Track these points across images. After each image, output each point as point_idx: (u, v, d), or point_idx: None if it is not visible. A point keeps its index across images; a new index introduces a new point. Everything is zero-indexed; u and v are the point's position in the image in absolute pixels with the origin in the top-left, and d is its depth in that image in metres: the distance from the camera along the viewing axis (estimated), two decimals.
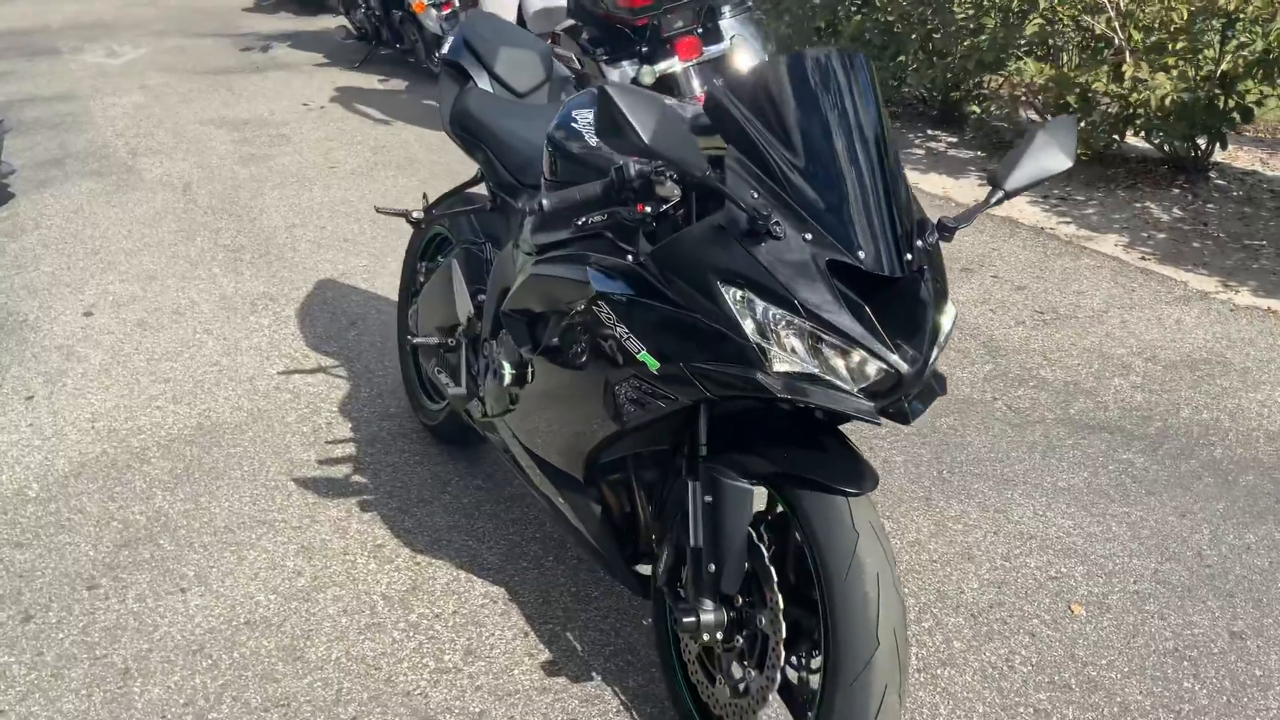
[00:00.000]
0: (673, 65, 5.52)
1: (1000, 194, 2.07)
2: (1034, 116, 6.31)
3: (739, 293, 1.90)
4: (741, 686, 2.14)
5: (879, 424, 1.92)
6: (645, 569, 2.46)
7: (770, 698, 2.08)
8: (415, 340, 3.21)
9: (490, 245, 3.07)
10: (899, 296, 1.92)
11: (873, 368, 1.88)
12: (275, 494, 3.35)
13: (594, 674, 2.60)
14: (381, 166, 6.53)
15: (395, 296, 4.73)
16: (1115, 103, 5.42)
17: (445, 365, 3.10)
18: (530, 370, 2.44)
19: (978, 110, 6.54)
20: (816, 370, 1.88)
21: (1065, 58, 5.93)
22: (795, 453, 2.03)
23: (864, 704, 1.90)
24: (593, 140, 2.37)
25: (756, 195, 1.91)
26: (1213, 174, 5.67)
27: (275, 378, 4.06)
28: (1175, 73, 5.08)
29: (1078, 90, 5.47)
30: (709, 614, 2.13)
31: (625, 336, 2.06)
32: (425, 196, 3.25)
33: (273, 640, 2.75)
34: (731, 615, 2.14)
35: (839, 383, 1.89)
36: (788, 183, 1.94)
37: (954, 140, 6.59)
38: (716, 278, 1.92)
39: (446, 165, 6.53)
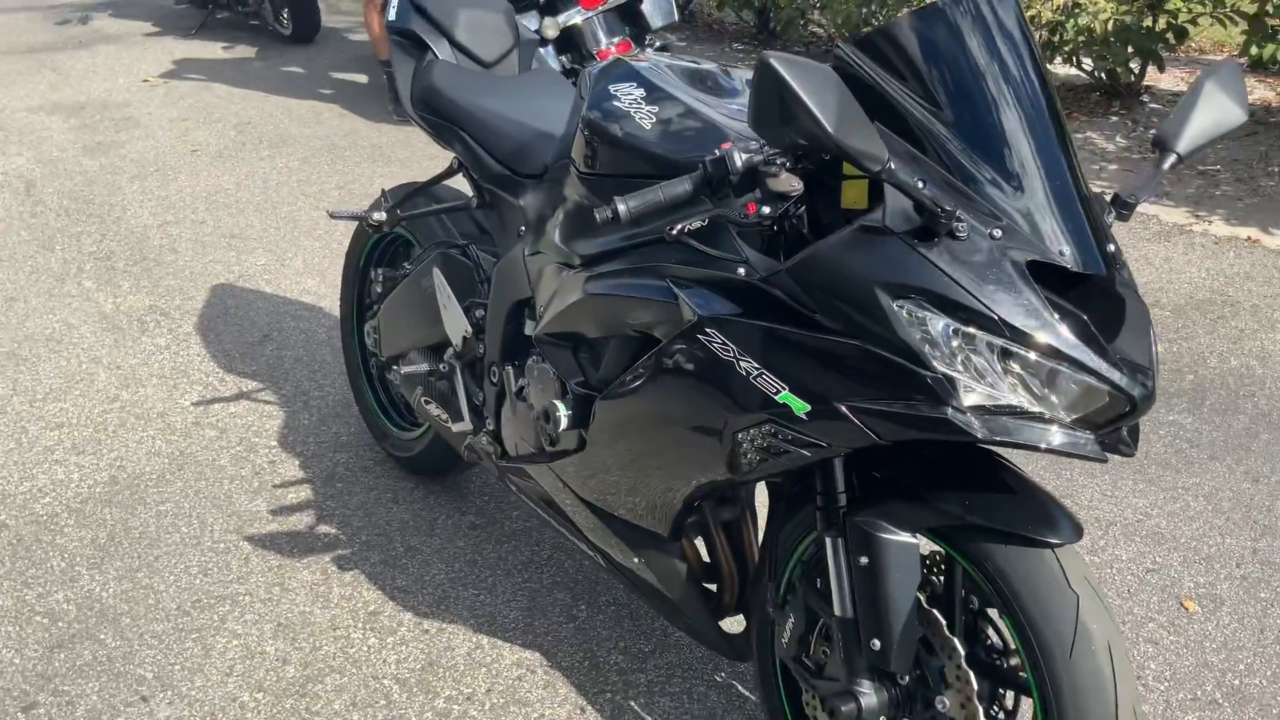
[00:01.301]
0: (575, 16, 5.05)
1: (1173, 157, 1.71)
2: None
3: (915, 310, 1.50)
4: None
5: (1105, 462, 1.56)
6: (727, 623, 2.08)
7: None
8: (404, 370, 2.68)
9: (476, 249, 2.58)
10: (1099, 299, 1.55)
11: (1092, 393, 1.50)
12: (229, 559, 2.81)
13: None
14: (251, 146, 5.84)
15: (309, 300, 4.19)
16: (1044, 29, 5.18)
17: (435, 394, 2.61)
18: (591, 412, 1.99)
19: None
20: (1023, 402, 1.50)
21: None
22: (970, 496, 1.65)
23: None
24: (645, 121, 1.92)
25: (923, 186, 1.51)
26: (1145, 98, 5.52)
27: (191, 411, 3.47)
28: None
29: None
30: (869, 696, 1.75)
31: (754, 373, 1.64)
32: (384, 194, 2.73)
33: None
34: (894, 693, 1.76)
35: (1054, 415, 1.51)
36: (955, 166, 1.54)
37: None
38: (887, 294, 1.51)
39: (327, 140, 5.90)
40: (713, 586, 2.13)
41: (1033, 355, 1.48)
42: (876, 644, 1.70)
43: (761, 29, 7.39)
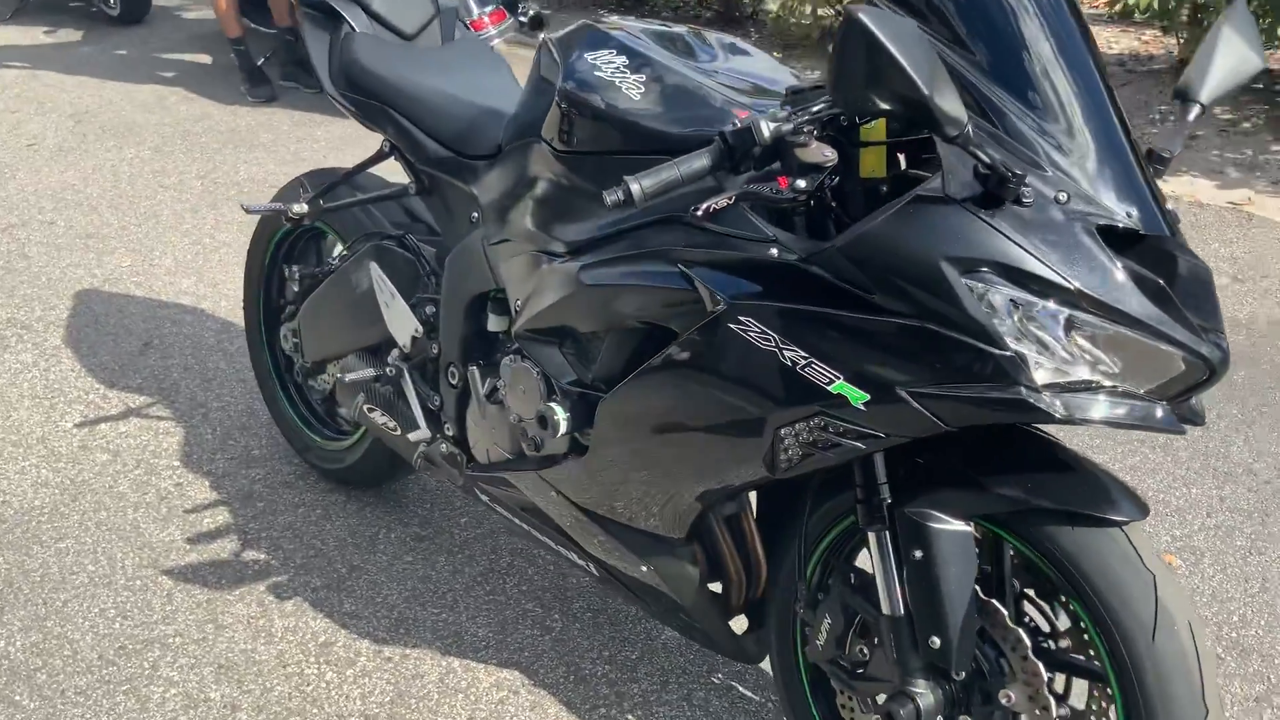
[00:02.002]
0: None
1: (1197, 108, 1.64)
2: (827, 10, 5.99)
3: (983, 284, 1.38)
4: None
5: (1183, 434, 1.47)
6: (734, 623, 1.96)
7: None
8: (345, 376, 2.43)
9: (414, 239, 2.37)
10: (1159, 261, 1.46)
11: (1168, 362, 1.42)
12: (149, 598, 2.53)
13: None
14: (94, 137, 5.38)
15: (188, 302, 3.86)
16: None
17: (380, 401, 2.39)
18: (591, 413, 1.81)
19: (775, 8, 6.16)
20: (1097, 377, 1.40)
21: None
22: (1028, 478, 1.56)
23: None
24: (633, 92, 1.75)
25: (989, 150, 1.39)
26: None
27: (75, 433, 3.13)
28: None
29: None
30: (926, 696, 1.64)
31: (802, 364, 1.50)
32: (302, 184, 2.47)
33: None
34: (950, 689, 1.66)
35: (1126, 388, 1.42)
36: (1009, 125, 1.43)
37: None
38: (954, 268, 1.39)
39: (178, 126, 5.48)
40: (717, 587, 1.99)
41: (1110, 326, 1.38)
42: (936, 641, 1.59)
43: None
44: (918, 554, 1.59)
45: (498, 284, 2.05)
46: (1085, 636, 1.56)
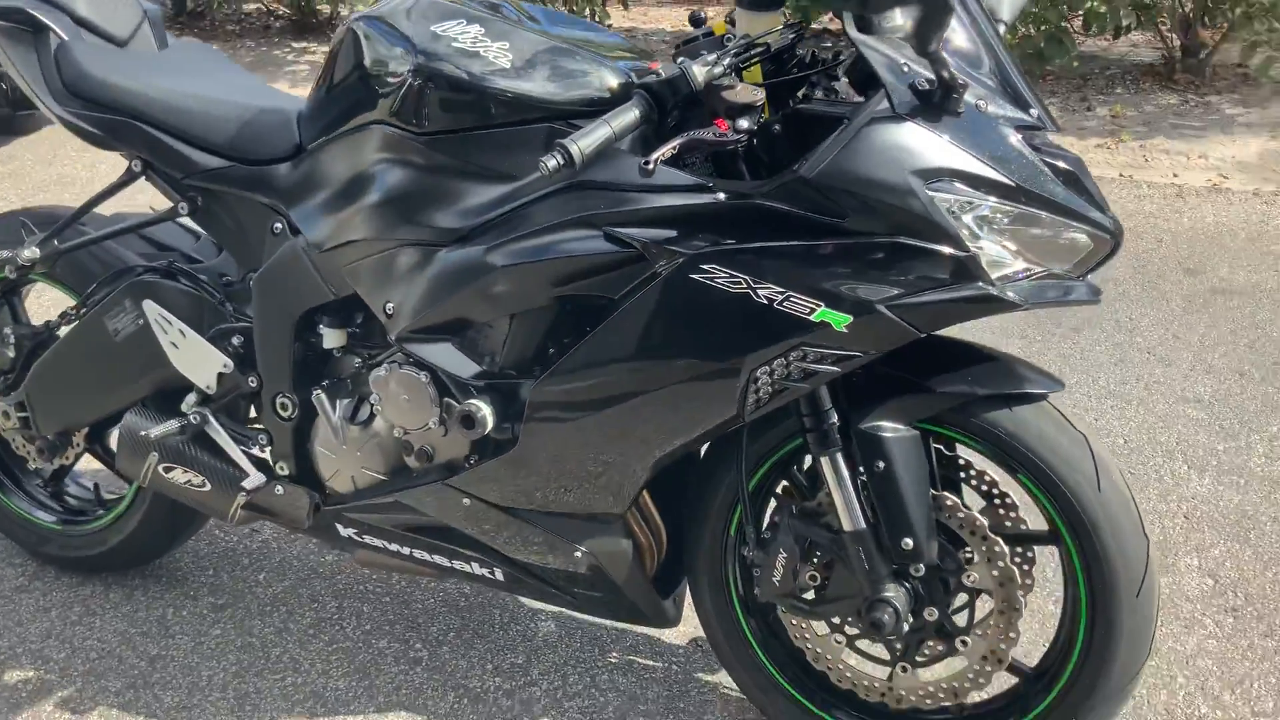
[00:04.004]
0: None
1: (1004, 25, 1.84)
2: None
3: (942, 193, 1.48)
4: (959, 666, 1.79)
5: (1099, 302, 1.65)
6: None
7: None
8: (135, 438, 2.07)
9: (185, 268, 2.08)
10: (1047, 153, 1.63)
11: (1083, 241, 1.59)
12: None
13: None
14: None
15: None
16: None
17: (180, 457, 2.07)
18: (518, 402, 1.71)
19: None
20: (1032, 265, 1.55)
21: None
22: (959, 375, 1.68)
23: (1147, 611, 1.69)
24: (502, 60, 1.67)
25: (904, 65, 1.49)
26: None
27: None
28: None
29: None
30: (899, 598, 1.72)
31: (779, 299, 1.51)
32: (23, 224, 2.07)
33: None
34: (913, 587, 1.75)
35: (1059, 270, 1.57)
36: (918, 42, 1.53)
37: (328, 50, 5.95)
38: (920, 180, 1.47)
39: None
40: None
41: (1045, 214, 1.53)
42: (909, 542, 1.68)
43: (179, 11, 6.68)
44: (879, 465, 1.66)
45: (336, 294, 1.86)
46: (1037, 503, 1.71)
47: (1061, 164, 1.56)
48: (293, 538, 2.58)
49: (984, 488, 1.78)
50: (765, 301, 1.52)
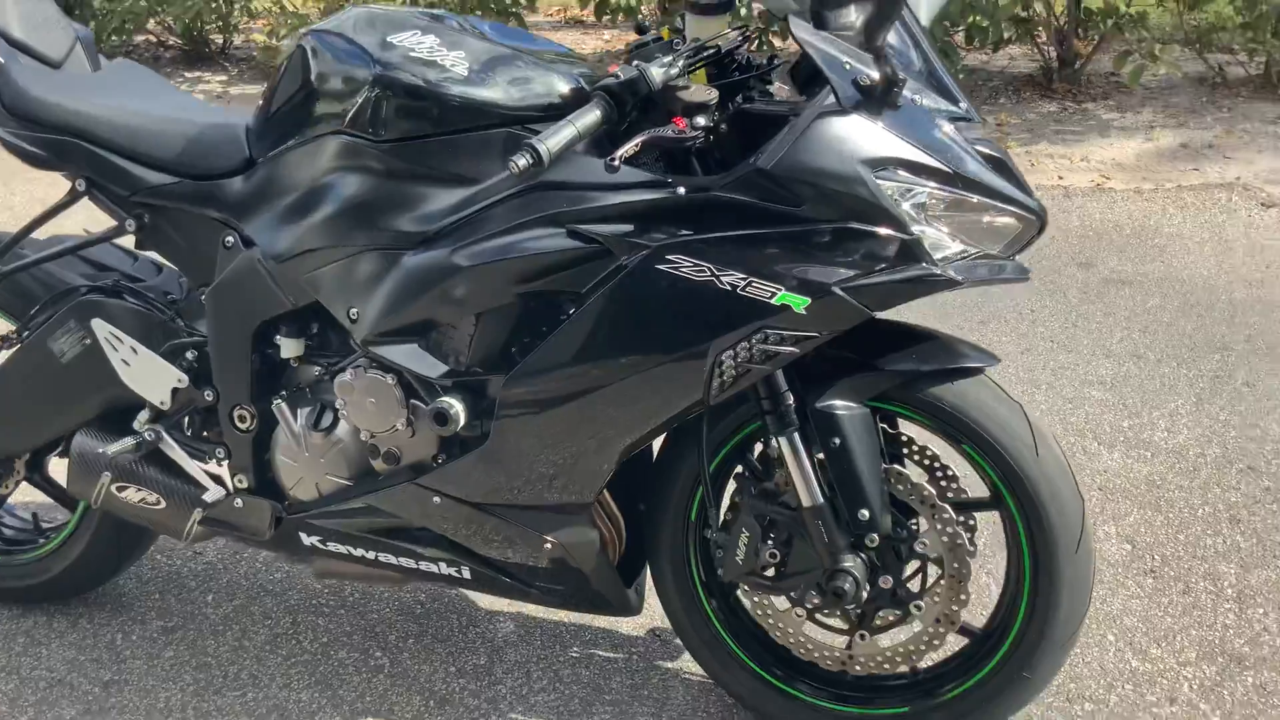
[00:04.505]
0: None
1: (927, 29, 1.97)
2: None
3: (887, 180, 1.59)
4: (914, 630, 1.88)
5: (1029, 279, 1.77)
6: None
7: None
8: (86, 458, 2.06)
9: (130, 285, 2.09)
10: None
11: (1012, 223, 1.71)
12: None
13: None
14: None
15: None
16: None
17: (135, 476, 2.06)
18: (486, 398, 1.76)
19: (263, 38, 5.90)
20: (968, 247, 1.66)
21: None
22: (904, 354, 1.78)
23: (1086, 565, 1.81)
24: (459, 69, 1.73)
25: (846, 63, 1.59)
26: None
27: None
28: None
29: None
30: (857, 566, 1.81)
31: (741, 285, 1.59)
32: None
33: None
34: (868, 558, 1.84)
35: (993, 251, 1.69)
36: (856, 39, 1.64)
37: (225, 79, 5.87)
38: (869, 169, 1.57)
39: None
40: None
41: (979, 198, 1.65)
42: (865, 513, 1.77)
43: None
44: (835, 441, 1.75)
45: (294, 304, 1.89)
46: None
47: (990, 152, 1.68)
48: (238, 558, 2.57)
49: (926, 461, 1.88)
50: (728, 288, 1.60)
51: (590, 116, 1.56)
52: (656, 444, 1.97)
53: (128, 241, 2.12)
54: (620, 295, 1.64)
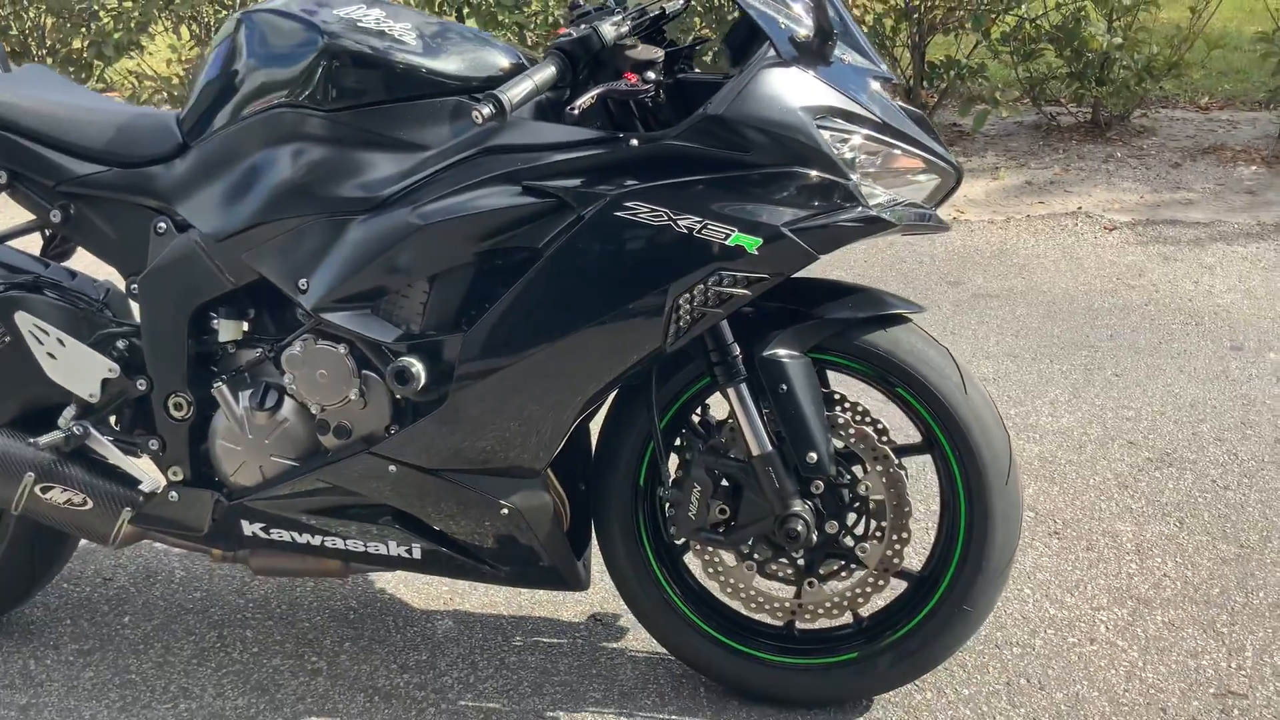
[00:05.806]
0: None
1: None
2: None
3: (828, 128, 1.70)
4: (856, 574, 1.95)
5: (949, 230, 1.89)
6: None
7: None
8: (32, 452, 1.99)
9: (51, 278, 2.04)
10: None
11: (933, 177, 1.84)
12: None
13: None
14: None
15: None
16: None
17: (59, 476, 1.99)
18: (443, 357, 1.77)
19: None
20: (893, 195, 1.78)
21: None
22: (838, 304, 1.89)
23: (1016, 495, 1.92)
24: (408, 38, 1.79)
25: (782, 21, 1.71)
26: None
27: None
28: None
29: None
30: (807, 510, 1.88)
31: (697, 228, 1.67)
32: None
33: None
34: (815, 503, 1.91)
35: (918, 202, 1.82)
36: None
37: None
38: (810, 116, 1.68)
39: None
40: None
41: (904, 148, 1.77)
42: (813, 456, 1.84)
43: None
44: (783, 388, 1.83)
45: (235, 282, 1.88)
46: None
47: (912, 108, 1.81)
48: (152, 580, 2.48)
49: (857, 417, 1.97)
50: (685, 231, 1.68)
51: (546, 71, 1.63)
52: (600, 417, 2.01)
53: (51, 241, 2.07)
54: (580, 245, 1.70)
